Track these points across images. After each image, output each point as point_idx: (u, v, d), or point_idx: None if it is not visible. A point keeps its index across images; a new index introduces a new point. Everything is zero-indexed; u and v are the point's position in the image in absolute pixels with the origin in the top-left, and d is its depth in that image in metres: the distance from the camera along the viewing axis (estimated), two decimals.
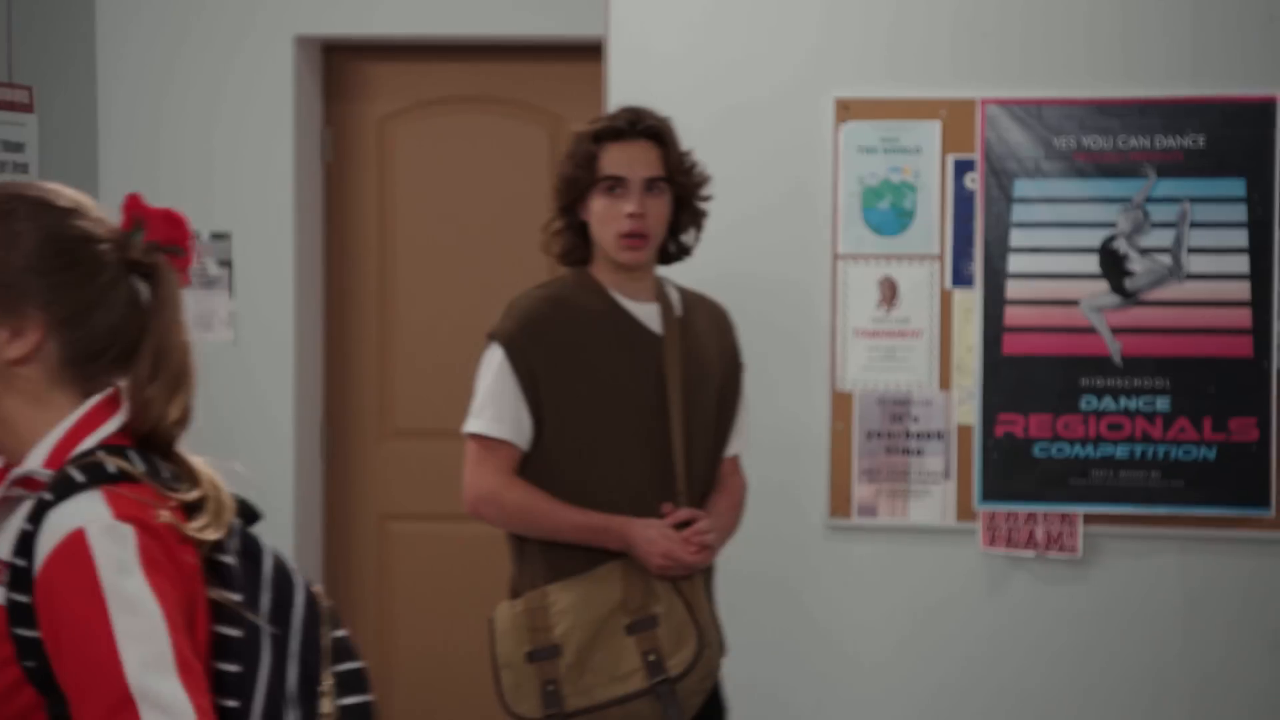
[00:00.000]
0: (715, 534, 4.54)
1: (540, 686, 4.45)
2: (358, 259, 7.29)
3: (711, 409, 4.65)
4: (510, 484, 4.55)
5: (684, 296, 4.71)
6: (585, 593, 4.47)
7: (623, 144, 4.59)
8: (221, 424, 7.07)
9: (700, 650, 4.41)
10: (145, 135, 6.97)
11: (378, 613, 7.29)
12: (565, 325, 4.58)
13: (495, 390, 4.58)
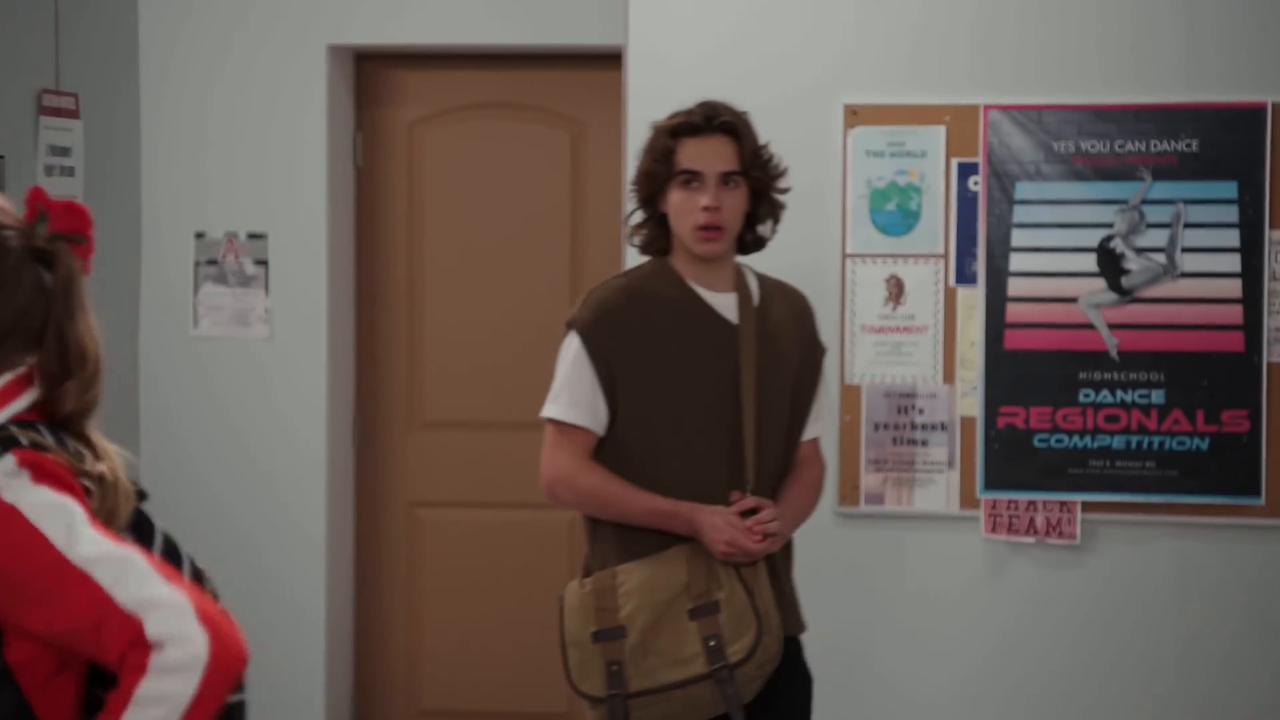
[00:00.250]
0: (787, 518, 4.45)
1: (604, 666, 4.36)
2: (387, 258, 7.30)
3: (786, 395, 4.54)
4: (584, 468, 4.48)
5: (763, 284, 4.60)
6: (651, 575, 4.38)
7: (699, 139, 4.49)
8: (258, 416, 7.09)
9: (759, 638, 4.31)
10: (185, 140, 6.99)
11: (406, 595, 7.31)
12: (641, 314, 4.49)
13: (571, 377, 4.50)
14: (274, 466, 7.09)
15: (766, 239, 4.61)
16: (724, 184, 4.47)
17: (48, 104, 4.51)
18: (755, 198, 4.53)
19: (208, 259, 7.11)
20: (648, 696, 4.33)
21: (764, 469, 4.47)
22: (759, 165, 4.52)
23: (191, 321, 7.11)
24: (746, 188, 4.50)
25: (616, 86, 6.32)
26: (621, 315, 4.49)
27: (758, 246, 4.62)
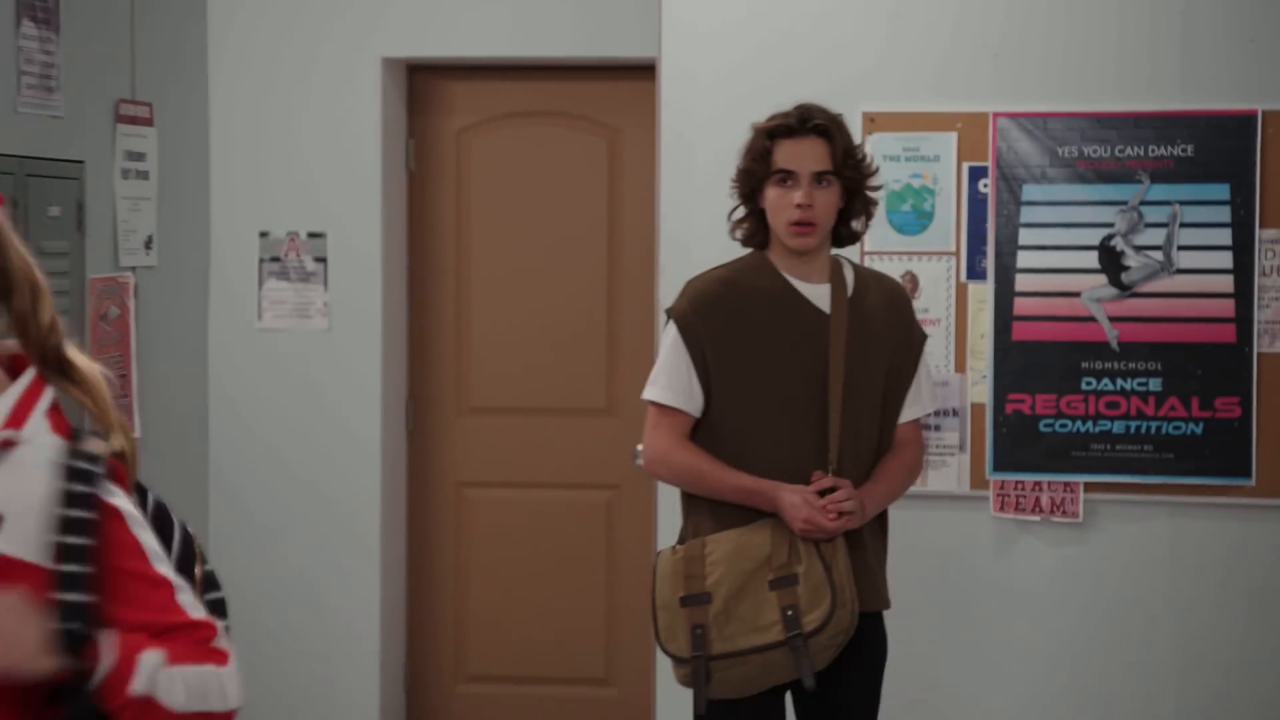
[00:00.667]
0: (876, 496, 4.46)
1: (690, 629, 4.36)
2: (437, 255, 7.32)
3: (878, 381, 4.51)
4: (679, 447, 4.48)
5: (859, 276, 4.58)
6: (737, 547, 4.38)
7: (793, 140, 4.47)
8: (317, 402, 7.11)
9: (833, 610, 4.29)
10: (249, 145, 7.01)
11: (454, 569, 7.32)
12: (735, 304, 4.47)
13: (669, 363, 4.50)
14: (332, 448, 7.11)
15: (860, 233, 4.61)
16: (816, 183, 4.45)
17: (124, 113, 4.53)
18: (849, 195, 4.50)
19: (271, 256, 7.13)
20: (727, 659, 4.33)
21: (849, 450, 4.44)
22: (850, 165, 4.49)
23: (256, 314, 7.13)
24: (839, 186, 4.47)
25: (650, 96, 6.33)
26: (717, 304, 4.47)
27: (852, 240, 4.61)
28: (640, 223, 7.03)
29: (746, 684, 4.37)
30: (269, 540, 7.06)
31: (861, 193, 4.53)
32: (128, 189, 4.55)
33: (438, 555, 7.33)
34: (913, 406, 4.60)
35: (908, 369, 4.58)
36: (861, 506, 4.40)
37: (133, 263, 4.55)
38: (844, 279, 4.52)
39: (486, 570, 7.30)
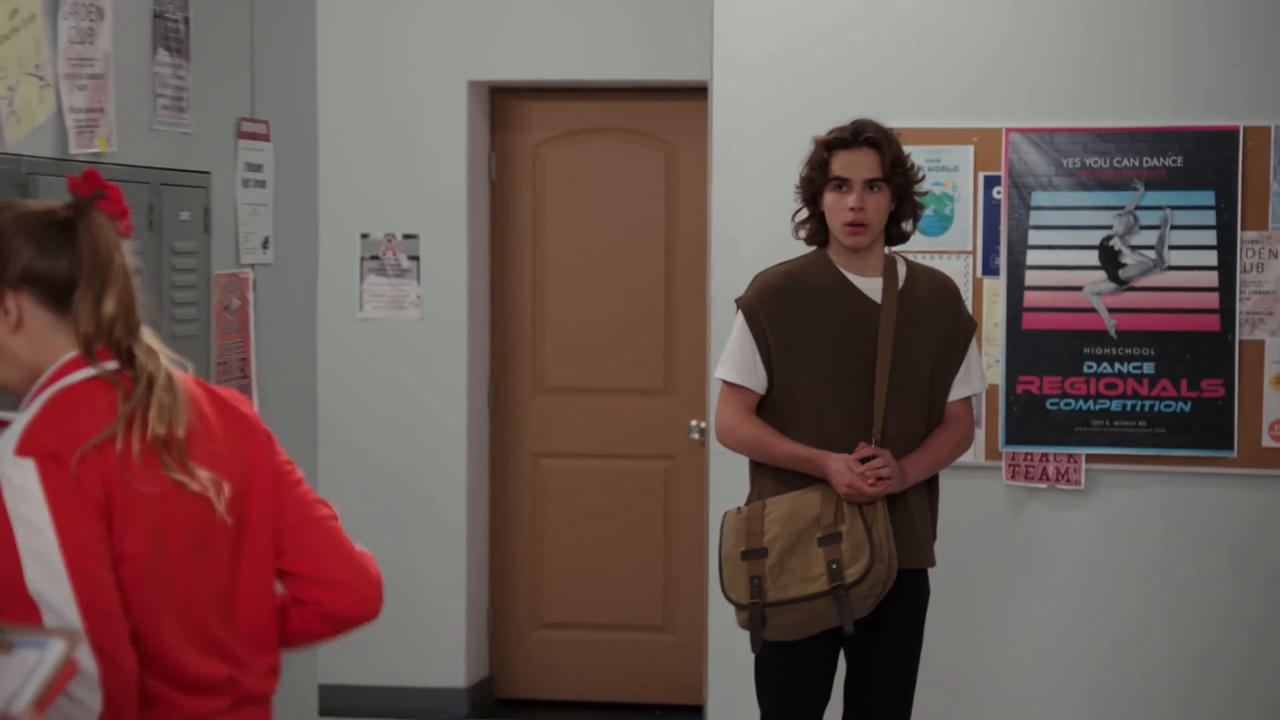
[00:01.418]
0: (920, 464, 4.47)
1: (749, 579, 4.40)
2: (516, 254, 7.34)
3: (925, 363, 4.53)
4: (744, 420, 4.50)
5: (911, 271, 4.61)
6: (791, 508, 4.41)
7: (848, 151, 4.52)
8: (410, 383, 7.15)
9: (871, 564, 4.32)
10: (352, 158, 7.06)
11: (530, 528, 7.35)
12: (794, 295, 4.50)
13: (736, 346, 4.52)
14: (424, 424, 7.15)
15: (909, 233, 4.64)
16: (868, 189, 4.48)
17: (245, 130, 4.57)
18: (898, 199, 4.54)
19: (371, 255, 7.17)
20: (780, 606, 4.36)
21: (895, 424, 4.47)
22: (899, 174, 4.53)
23: (358, 306, 7.17)
24: (889, 191, 4.51)
25: (703, 114, 6.34)
26: (778, 296, 4.50)
27: (902, 239, 4.63)
28: (693, 224, 7.05)
29: (796, 628, 4.40)
30: (370, 499, 7.11)
31: (909, 197, 4.56)
32: (248, 196, 4.59)
33: (516, 517, 7.36)
34: (962, 386, 4.62)
35: (956, 352, 4.59)
36: (901, 473, 4.41)
37: (252, 260, 4.59)
38: (896, 274, 4.54)
39: (558, 531, 7.32)
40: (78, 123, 3.76)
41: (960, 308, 4.68)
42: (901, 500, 4.47)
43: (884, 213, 4.52)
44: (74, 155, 3.75)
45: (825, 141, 4.57)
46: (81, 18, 3.78)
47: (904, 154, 4.58)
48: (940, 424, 4.59)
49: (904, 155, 4.57)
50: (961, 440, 4.63)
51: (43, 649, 1.88)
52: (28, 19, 3.57)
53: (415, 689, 7.12)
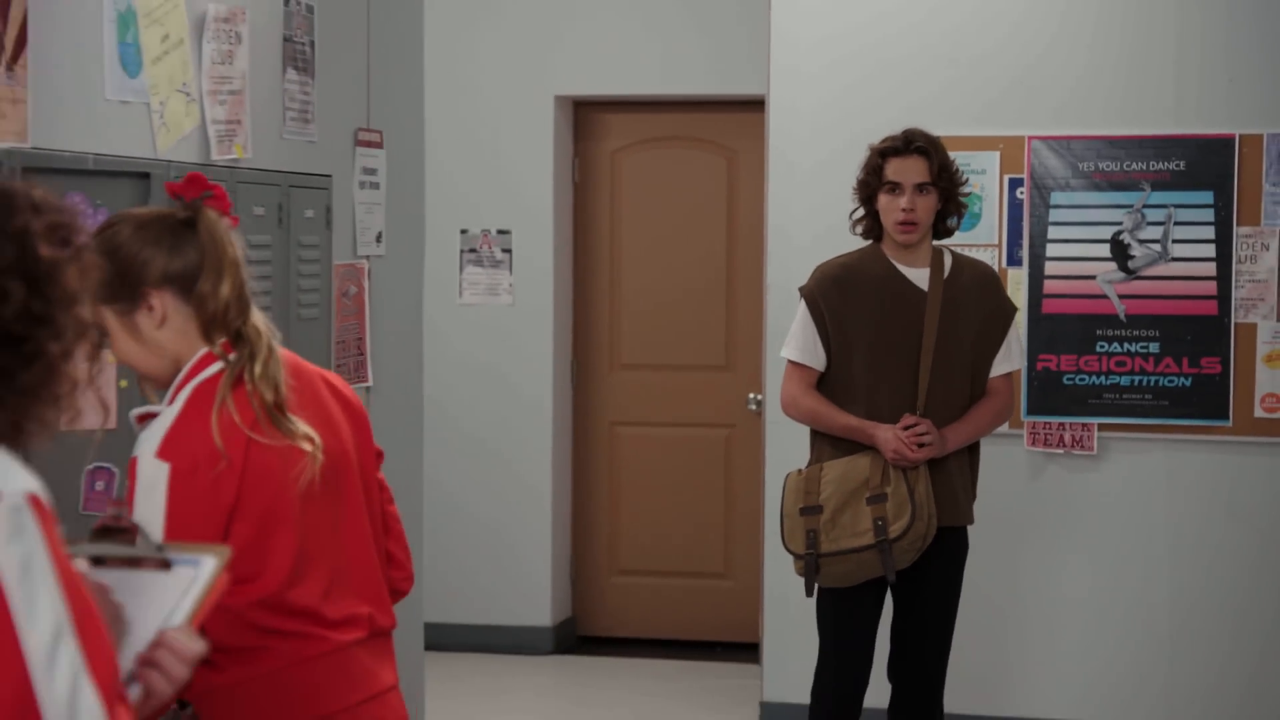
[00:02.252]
0: (960, 431, 4.45)
1: (805, 533, 4.41)
2: (596, 247, 7.35)
3: (967, 344, 4.50)
4: (805, 393, 4.51)
5: (956, 262, 4.57)
6: (844, 470, 4.42)
7: (900, 158, 4.48)
8: (503, 360, 7.17)
9: (911, 522, 4.33)
10: (453, 163, 7.08)
11: (608, 488, 7.36)
12: (850, 284, 4.49)
13: (799, 329, 4.52)
14: (515, 396, 7.17)
15: (954, 229, 4.60)
16: (918, 191, 4.45)
17: (361, 138, 4.59)
18: (944, 200, 4.50)
19: (469, 248, 7.19)
20: (832, 557, 4.38)
21: (939, 397, 4.44)
22: (945, 177, 4.49)
23: (458, 293, 7.20)
24: (937, 193, 4.47)
25: (760, 124, 6.33)
26: (835, 285, 4.49)
27: (948, 234, 4.59)
28: (751, 221, 7.04)
29: (847, 577, 4.41)
30: (470, 460, 7.14)
31: (954, 198, 4.53)
32: (363, 196, 4.61)
33: (594, 478, 7.37)
34: (1003, 363, 4.57)
35: (997, 334, 4.55)
36: (942, 440, 4.40)
37: (367, 252, 4.61)
38: (942, 265, 4.52)
39: (631, 490, 7.34)
40: (218, 133, 3.79)
41: (1001, 294, 4.64)
42: (943, 464, 4.46)
43: (932, 212, 4.48)
44: (215, 161, 3.78)
45: (879, 149, 4.55)
46: (222, 41, 3.81)
47: (950, 160, 4.54)
48: (982, 397, 4.56)
49: (950, 161, 4.54)
50: (1000, 411, 4.59)
51: (197, 566, 1.81)
52: (177, 43, 3.60)
53: (507, 627, 7.15)
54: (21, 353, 1.62)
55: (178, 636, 1.76)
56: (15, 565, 1.53)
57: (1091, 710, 5.76)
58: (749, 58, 6.70)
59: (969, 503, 4.58)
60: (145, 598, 1.76)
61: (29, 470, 1.59)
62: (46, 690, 1.53)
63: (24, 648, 1.53)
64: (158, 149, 3.55)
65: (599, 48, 7.09)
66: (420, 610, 5.00)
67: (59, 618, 1.54)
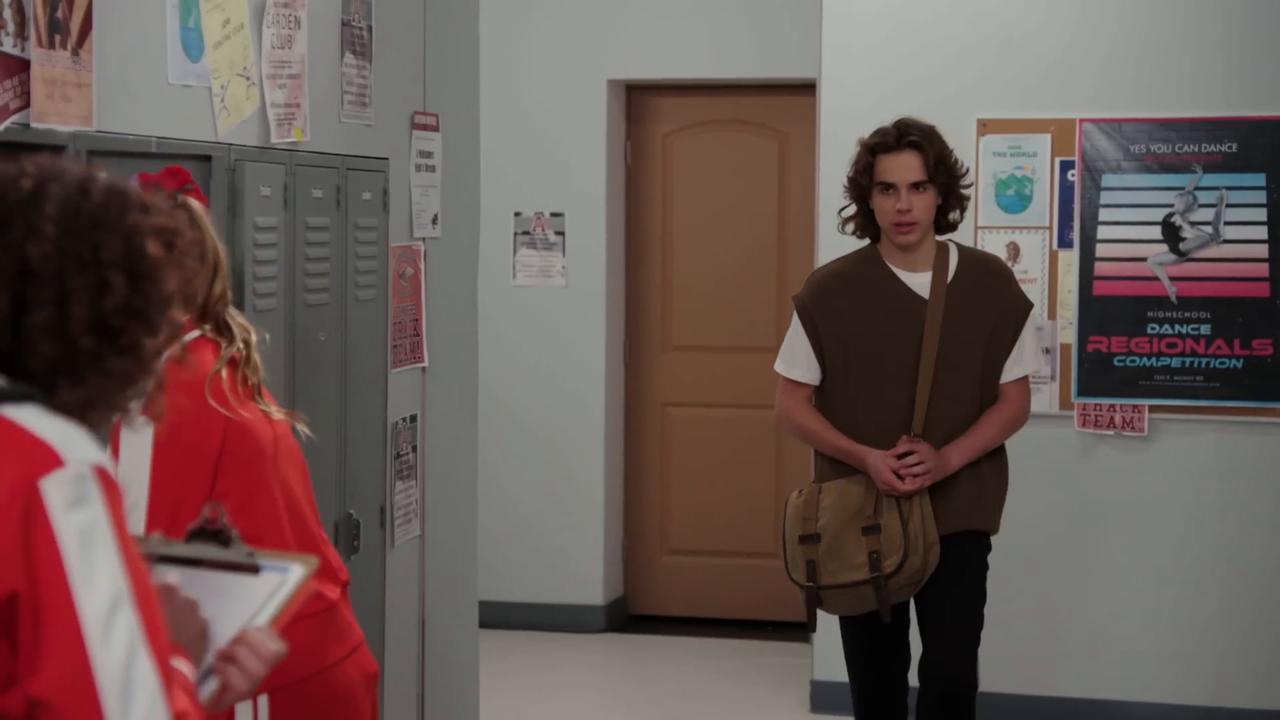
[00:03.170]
0: (965, 447, 4.10)
1: (805, 563, 4.12)
2: (648, 230, 7.36)
3: (975, 352, 4.14)
4: (797, 409, 4.21)
5: (963, 261, 4.21)
6: (840, 496, 4.11)
7: (892, 155, 4.12)
8: (556, 341, 7.19)
9: (905, 558, 4.02)
10: (508, 146, 7.09)
11: (659, 467, 7.38)
12: (844, 295, 4.16)
13: (791, 341, 4.22)
14: (568, 377, 7.19)
15: (958, 223, 4.26)
16: (914, 190, 4.10)
17: (418, 121, 4.61)
18: (945, 194, 4.16)
19: (523, 231, 7.22)
20: (831, 590, 4.12)
21: (942, 413, 4.11)
22: (942, 171, 4.14)
23: (511, 274, 7.22)
24: (935, 189, 4.13)
25: (811, 107, 6.32)
26: (828, 294, 4.19)
27: (951, 228, 4.25)
28: (802, 203, 7.03)
29: (850, 607, 4.16)
30: (523, 440, 7.17)
31: (955, 192, 4.18)
32: (420, 179, 4.63)
33: (646, 458, 7.39)
34: (1015, 367, 4.22)
35: (1008, 335, 4.20)
36: (942, 463, 4.08)
37: (423, 235, 4.63)
38: (947, 266, 4.17)
39: (683, 470, 7.35)
40: (278, 116, 3.82)
41: (1012, 291, 4.25)
42: (954, 478, 4.14)
43: (931, 209, 4.13)
44: (274, 144, 3.80)
45: (869, 145, 4.19)
46: (282, 26, 3.83)
47: (947, 151, 4.18)
48: (994, 403, 4.21)
49: (947, 152, 4.18)
50: (1012, 420, 4.23)
51: (284, 573, 1.85)
52: (237, 28, 3.63)
53: (560, 605, 7.18)
54: (116, 344, 1.67)
55: (258, 635, 1.79)
56: (75, 533, 1.54)
57: (1139, 691, 5.74)
58: (799, 41, 6.68)
59: (987, 508, 4.24)
60: (232, 600, 1.80)
61: (98, 444, 1.62)
62: (101, 657, 1.53)
63: (80, 614, 1.53)
64: (218, 132, 3.57)
65: (652, 32, 7.09)
66: (474, 589, 5.03)
67: (118, 587, 1.55)
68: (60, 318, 1.64)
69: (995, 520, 4.28)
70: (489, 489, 6.55)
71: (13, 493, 1.53)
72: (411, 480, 4.53)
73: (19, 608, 1.52)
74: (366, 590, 4.19)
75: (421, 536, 4.61)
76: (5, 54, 2.83)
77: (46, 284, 1.64)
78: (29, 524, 1.53)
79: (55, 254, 1.65)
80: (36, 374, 1.64)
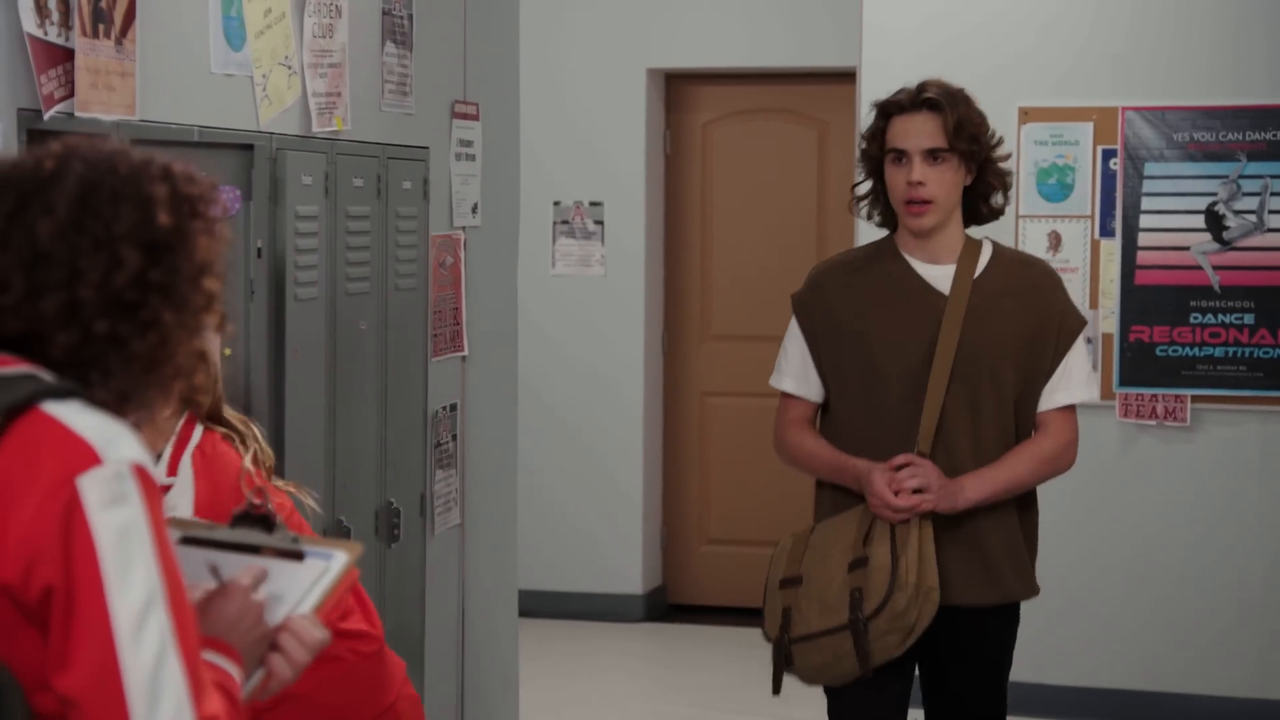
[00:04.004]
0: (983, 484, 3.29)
1: (782, 611, 3.33)
2: (687, 219, 7.35)
3: (1005, 366, 3.32)
4: (791, 428, 3.45)
5: (997, 259, 3.41)
6: (832, 530, 3.34)
7: (905, 117, 3.34)
8: (595, 330, 7.19)
9: (889, 595, 3.18)
10: (547, 135, 7.09)
11: (698, 457, 7.38)
12: (848, 286, 3.41)
13: (786, 348, 3.50)
14: (607, 366, 7.19)
15: (1000, 209, 3.46)
16: (930, 159, 3.32)
17: (458, 111, 4.62)
18: (976, 171, 3.37)
19: (562, 220, 7.22)
20: (803, 643, 3.30)
21: (958, 433, 3.31)
22: (964, 138, 3.32)
23: (550, 264, 7.23)
24: (958, 161, 3.33)
25: (851, 96, 6.30)
26: (829, 288, 3.44)
27: (993, 217, 3.45)
28: (841, 193, 7.00)
29: (821, 672, 3.32)
30: (562, 429, 7.18)
31: (991, 166, 3.38)
32: (460, 168, 4.64)
33: (685, 448, 7.39)
34: (1058, 393, 3.39)
35: (1047, 352, 3.37)
36: (953, 491, 3.26)
37: (463, 224, 4.64)
38: (975, 261, 3.38)
39: (721, 459, 7.35)
40: (319, 105, 3.83)
41: (1058, 302, 3.42)
42: (969, 522, 3.31)
43: (951, 187, 3.34)
44: (315, 133, 3.81)
45: (881, 105, 3.42)
46: (323, 15, 3.84)
47: (976, 115, 3.37)
48: (1031, 434, 3.39)
49: (975, 116, 3.36)
50: (1050, 456, 3.38)
51: (329, 560, 1.82)
52: (279, 17, 3.64)
53: (599, 594, 7.19)
54: (136, 320, 1.62)
55: (302, 623, 1.77)
56: (112, 531, 1.53)
57: (1180, 682, 5.71)
58: (836, 30, 6.67)
59: (1015, 574, 3.39)
60: (275, 586, 1.79)
61: (139, 441, 1.60)
62: (131, 657, 1.51)
63: (112, 614, 1.51)
64: (260, 121, 3.59)
65: (691, 21, 7.08)
66: (514, 577, 5.03)
67: (152, 588, 1.53)
68: (71, 301, 1.59)
69: (1033, 584, 3.46)
70: (527, 477, 6.56)
71: (53, 489, 1.52)
72: (451, 469, 4.54)
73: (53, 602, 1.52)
74: (407, 579, 4.21)
75: (461, 525, 4.62)
76: (50, 43, 2.84)
77: (56, 266, 1.59)
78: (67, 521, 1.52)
79: (66, 232, 1.59)
80: (61, 365, 1.60)
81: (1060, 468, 3.42)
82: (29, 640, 1.52)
